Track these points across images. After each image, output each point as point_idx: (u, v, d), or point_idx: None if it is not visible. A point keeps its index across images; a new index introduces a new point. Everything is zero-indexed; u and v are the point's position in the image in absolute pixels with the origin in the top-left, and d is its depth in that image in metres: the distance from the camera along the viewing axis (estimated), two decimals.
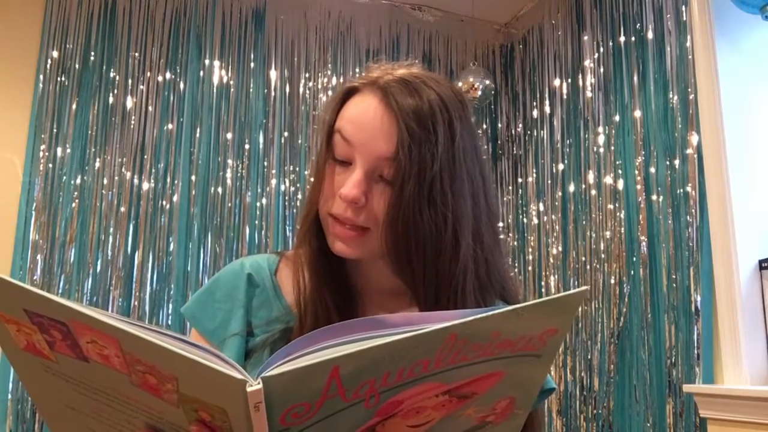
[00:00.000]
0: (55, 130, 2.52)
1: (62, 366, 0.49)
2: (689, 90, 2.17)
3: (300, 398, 0.44)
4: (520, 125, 3.16)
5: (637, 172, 2.36)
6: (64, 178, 2.49)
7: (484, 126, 3.26)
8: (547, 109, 2.94)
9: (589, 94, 2.68)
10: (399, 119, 0.69)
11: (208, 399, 0.45)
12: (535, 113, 3.04)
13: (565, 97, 2.84)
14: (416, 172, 0.68)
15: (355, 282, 0.78)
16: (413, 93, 0.70)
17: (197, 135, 2.71)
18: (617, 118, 2.50)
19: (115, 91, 2.63)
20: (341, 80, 2.99)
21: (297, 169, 2.83)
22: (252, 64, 2.86)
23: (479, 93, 2.89)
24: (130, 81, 2.66)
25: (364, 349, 0.44)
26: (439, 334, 0.45)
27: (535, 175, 2.99)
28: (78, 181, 2.51)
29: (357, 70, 3.04)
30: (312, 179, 0.77)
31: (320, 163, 0.75)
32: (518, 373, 0.51)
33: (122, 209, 2.55)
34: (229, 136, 2.76)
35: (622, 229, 2.41)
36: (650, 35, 2.38)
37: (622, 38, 2.52)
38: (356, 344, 0.45)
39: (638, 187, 2.35)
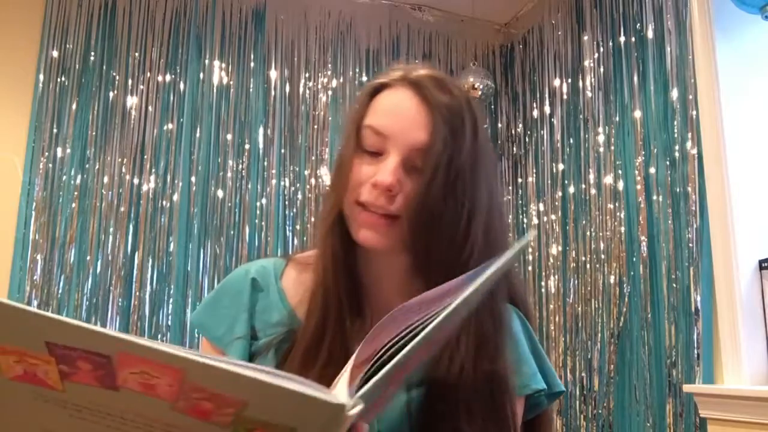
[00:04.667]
0: (55, 130, 2.52)
1: (68, 394, 0.47)
2: (689, 90, 2.17)
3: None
4: (520, 125, 3.16)
5: (637, 172, 2.36)
6: (64, 178, 2.49)
7: (484, 126, 3.26)
8: (547, 109, 2.94)
9: (589, 94, 2.68)
10: (434, 111, 0.72)
11: (280, 420, 0.45)
12: (535, 113, 3.04)
13: (565, 97, 2.84)
14: (446, 163, 0.70)
15: (365, 282, 0.78)
16: (444, 89, 0.74)
17: (197, 135, 2.71)
18: (617, 118, 2.50)
19: (115, 91, 2.63)
20: (341, 80, 2.99)
21: (297, 169, 2.83)
22: (252, 64, 2.86)
23: (479, 93, 2.89)
24: (130, 81, 2.66)
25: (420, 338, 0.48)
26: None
27: (535, 175, 2.99)
28: (78, 181, 2.51)
29: (357, 70, 3.04)
30: (335, 172, 0.77)
31: (347, 154, 0.75)
32: None
33: (122, 209, 2.55)
34: (229, 136, 2.76)
35: (622, 229, 2.41)
36: (650, 35, 2.37)
37: (622, 38, 2.52)
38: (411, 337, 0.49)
39: (638, 187, 2.35)
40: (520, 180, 3.11)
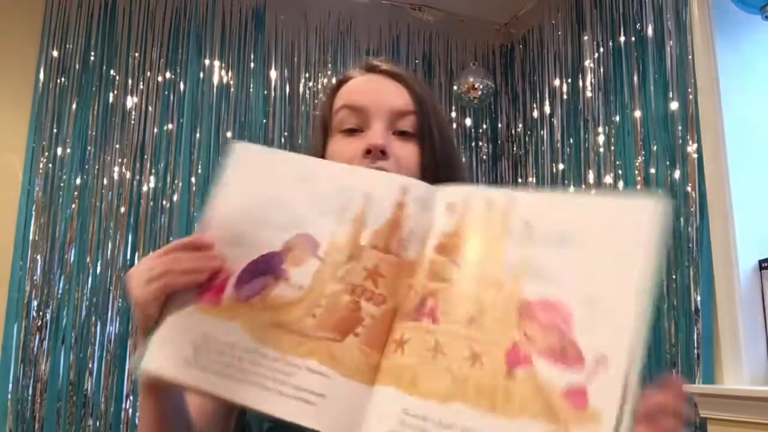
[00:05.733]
0: (55, 130, 2.52)
1: None
2: (689, 90, 2.17)
3: None
4: (520, 125, 3.16)
5: (637, 172, 2.36)
6: (64, 178, 2.49)
7: (484, 126, 3.26)
8: (547, 109, 2.94)
9: (589, 94, 2.68)
10: (401, 80, 0.77)
11: None
12: (535, 113, 3.04)
13: (565, 97, 2.84)
14: (429, 123, 0.75)
15: None
16: (396, 65, 0.80)
17: (197, 135, 2.71)
18: (617, 118, 2.50)
19: (115, 91, 2.63)
20: None
21: None
22: (252, 64, 2.86)
23: (479, 93, 2.88)
24: (130, 81, 2.66)
25: None
26: None
27: (535, 175, 2.99)
28: (78, 181, 2.51)
29: None
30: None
31: (320, 145, 0.78)
32: None
33: (122, 209, 2.55)
34: (229, 136, 2.76)
35: None
36: (650, 35, 2.37)
37: (622, 38, 2.52)
38: None
39: (638, 187, 2.35)
40: (520, 180, 3.11)
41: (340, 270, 0.56)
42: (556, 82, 2.89)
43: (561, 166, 2.80)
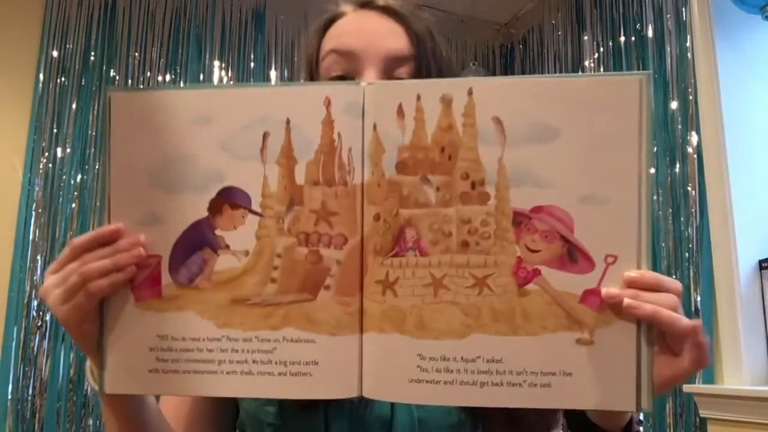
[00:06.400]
0: (55, 130, 2.51)
1: None
2: (689, 90, 2.17)
3: None
4: None
5: None
6: (64, 178, 2.49)
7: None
8: None
9: None
10: (398, 18, 0.67)
11: None
12: None
13: None
14: (427, 67, 0.65)
15: None
16: (401, 3, 0.70)
17: None
18: None
19: None
20: None
21: None
22: (252, 64, 2.86)
23: None
24: (130, 81, 2.66)
25: None
26: None
27: None
28: (78, 181, 2.51)
29: None
30: None
31: None
32: None
33: None
34: None
35: None
36: (650, 35, 2.37)
37: (622, 38, 2.52)
38: None
39: None
40: None
41: (285, 221, 0.49)
42: None
43: None
